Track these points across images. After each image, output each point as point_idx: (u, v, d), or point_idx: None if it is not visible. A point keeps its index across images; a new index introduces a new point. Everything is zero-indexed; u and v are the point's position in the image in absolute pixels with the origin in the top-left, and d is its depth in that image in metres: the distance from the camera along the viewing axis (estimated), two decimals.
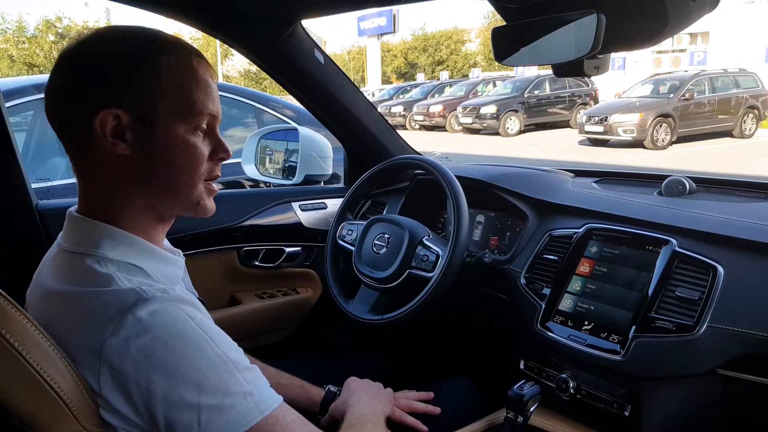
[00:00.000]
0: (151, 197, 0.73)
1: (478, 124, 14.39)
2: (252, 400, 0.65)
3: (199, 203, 0.75)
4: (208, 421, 0.62)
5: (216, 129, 0.76)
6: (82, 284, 0.66)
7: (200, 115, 0.72)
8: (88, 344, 0.62)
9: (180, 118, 0.70)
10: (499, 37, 0.99)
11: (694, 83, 11.44)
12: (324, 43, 20.97)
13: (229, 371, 0.64)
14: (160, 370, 0.61)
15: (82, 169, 0.72)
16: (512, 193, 1.40)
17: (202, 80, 0.72)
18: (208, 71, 0.74)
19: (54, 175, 2.58)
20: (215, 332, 0.66)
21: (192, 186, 0.73)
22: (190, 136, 0.71)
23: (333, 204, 1.73)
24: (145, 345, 0.61)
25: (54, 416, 0.60)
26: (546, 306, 1.14)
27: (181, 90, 0.70)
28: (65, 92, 0.70)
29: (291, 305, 1.67)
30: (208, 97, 0.73)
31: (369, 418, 0.93)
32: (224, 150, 0.76)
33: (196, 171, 0.73)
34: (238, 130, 3.35)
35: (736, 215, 1.08)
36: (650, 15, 0.85)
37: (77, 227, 0.73)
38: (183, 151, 0.71)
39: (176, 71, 0.70)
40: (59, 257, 0.73)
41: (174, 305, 0.64)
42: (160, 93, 0.69)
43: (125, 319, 0.61)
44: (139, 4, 1.20)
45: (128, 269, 0.69)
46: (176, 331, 0.62)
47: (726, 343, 0.93)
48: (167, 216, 0.76)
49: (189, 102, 0.71)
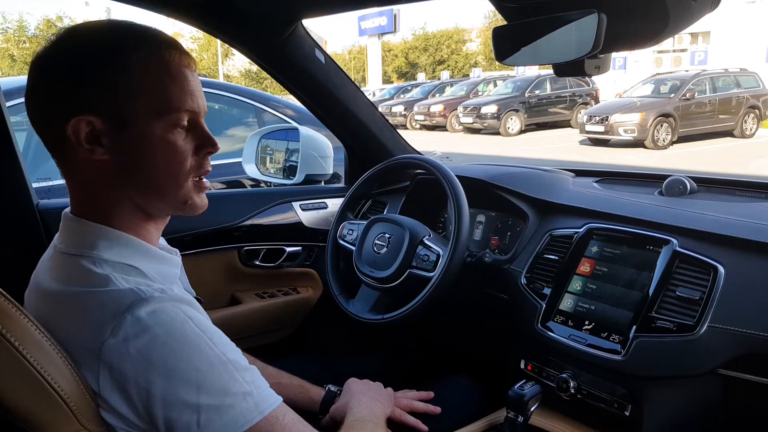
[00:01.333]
0: (136, 199, 0.71)
1: (479, 123, 14.38)
2: (251, 401, 0.64)
3: (186, 202, 0.73)
4: (207, 420, 0.62)
5: (200, 122, 0.72)
6: (79, 285, 0.66)
7: (178, 113, 0.68)
8: (86, 345, 0.62)
9: (156, 117, 0.67)
10: (499, 37, 0.98)
11: (695, 83, 11.43)
12: (325, 43, 20.96)
13: (228, 371, 0.64)
14: (159, 370, 0.61)
15: (67, 173, 0.72)
16: (513, 192, 1.40)
17: (176, 74, 0.68)
18: (183, 62, 0.69)
19: (55, 175, 2.56)
20: (214, 332, 0.66)
21: (177, 185, 0.71)
22: (169, 134, 0.68)
23: (333, 204, 1.73)
24: (143, 345, 0.60)
25: (54, 415, 0.60)
26: (546, 306, 1.14)
27: (154, 87, 0.67)
28: (39, 98, 0.68)
29: (291, 305, 1.67)
30: (184, 92, 0.69)
31: (368, 419, 0.93)
32: (211, 143, 0.72)
33: (179, 170, 0.70)
34: (239, 130, 3.35)
35: (737, 215, 1.08)
36: (651, 14, 0.85)
37: (72, 228, 0.72)
38: (162, 151, 0.68)
39: (147, 68, 0.67)
40: (55, 258, 0.73)
41: (172, 305, 0.64)
42: (132, 92, 0.66)
43: (124, 319, 0.61)
44: (140, 4, 1.20)
45: (124, 270, 0.68)
46: (175, 331, 0.62)
47: (727, 343, 0.93)
48: (157, 215, 0.75)
49: (164, 99, 0.67)
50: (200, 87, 0.72)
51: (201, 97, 0.72)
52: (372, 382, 1.09)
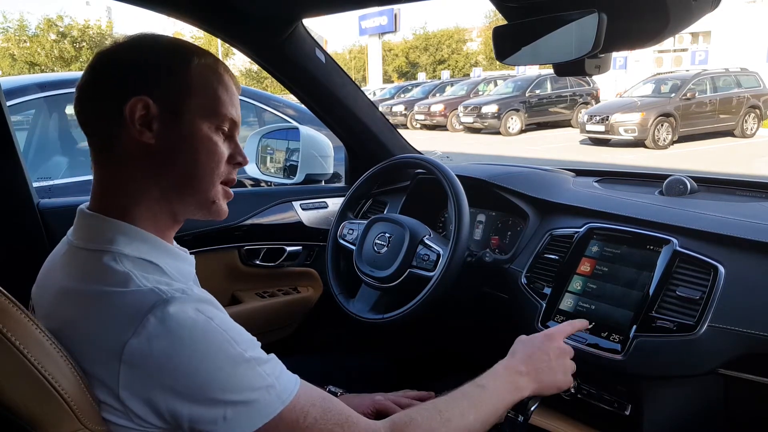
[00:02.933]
0: (168, 190, 0.74)
1: (480, 123, 14.38)
2: (274, 392, 0.67)
3: (214, 202, 0.77)
4: (234, 414, 0.64)
5: (236, 135, 0.79)
6: (99, 283, 0.66)
7: (224, 118, 0.75)
8: (106, 344, 0.63)
9: (205, 116, 0.73)
10: (500, 37, 0.98)
11: (696, 83, 11.42)
12: (325, 42, 20.97)
13: (251, 368, 0.66)
14: (183, 370, 0.62)
15: (104, 162, 0.73)
16: (513, 192, 1.40)
17: (226, 85, 0.76)
18: (233, 80, 0.78)
19: (55, 174, 2.58)
20: (235, 330, 0.67)
21: (210, 183, 0.75)
22: (213, 134, 0.74)
23: (334, 203, 1.74)
24: (166, 346, 0.61)
25: (55, 415, 0.60)
26: (547, 305, 1.14)
27: (208, 90, 0.74)
28: (99, 86, 0.72)
29: (292, 304, 1.68)
30: (231, 102, 0.76)
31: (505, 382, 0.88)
32: (242, 156, 0.79)
33: (216, 168, 0.75)
34: (240, 129, 3.35)
35: (738, 215, 1.08)
36: (651, 14, 0.85)
37: (90, 223, 0.73)
38: (205, 146, 0.74)
39: (205, 73, 0.74)
40: (70, 254, 0.73)
41: (194, 306, 0.65)
42: (189, 90, 0.72)
43: (146, 320, 0.62)
44: (141, 3, 1.20)
45: (144, 266, 0.69)
46: (197, 332, 0.63)
47: (727, 342, 0.93)
48: (180, 213, 0.77)
49: (215, 103, 0.74)
50: (239, 104, 0.79)
51: (239, 112, 0.79)
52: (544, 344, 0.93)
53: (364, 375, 1.10)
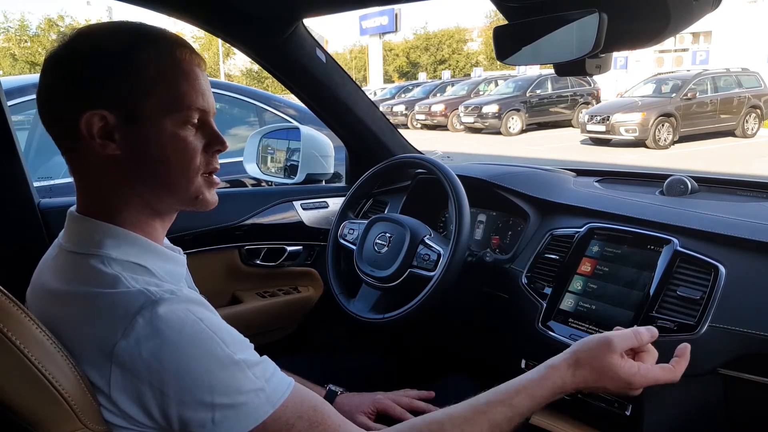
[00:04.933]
0: (146, 195, 0.72)
1: (480, 123, 14.37)
2: (263, 395, 0.65)
3: (198, 197, 0.74)
4: (222, 418, 0.63)
5: (209, 121, 0.74)
6: (88, 285, 0.66)
7: (188, 110, 0.70)
8: (96, 346, 0.62)
9: (167, 113, 0.69)
10: (500, 36, 0.98)
11: (697, 83, 11.41)
12: (326, 42, 20.94)
13: (240, 370, 0.64)
14: (172, 372, 0.61)
15: (76, 170, 0.72)
16: (514, 192, 1.40)
17: (187, 72, 0.70)
18: (193, 61, 0.71)
19: (56, 174, 2.58)
20: (225, 332, 0.66)
21: (188, 180, 0.72)
22: (180, 130, 0.70)
23: (334, 203, 1.73)
24: (155, 348, 0.61)
25: (55, 414, 0.60)
26: (547, 305, 1.14)
27: (166, 84, 0.69)
28: (52, 95, 0.69)
29: (292, 304, 1.68)
30: (195, 91, 0.71)
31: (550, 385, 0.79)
32: (219, 142, 0.74)
33: (189, 165, 0.71)
34: (240, 129, 3.35)
35: (738, 215, 1.08)
36: (652, 14, 0.85)
37: (78, 227, 0.72)
38: (173, 146, 0.70)
39: (159, 65, 0.68)
40: (61, 257, 0.72)
41: (183, 307, 0.64)
42: (145, 89, 0.68)
43: (135, 321, 0.61)
44: (141, 3, 1.20)
45: (133, 269, 0.69)
46: (186, 333, 0.63)
47: (727, 342, 0.93)
48: (165, 212, 0.76)
49: (175, 96, 0.69)
50: (209, 86, 0.74)
51: (210, 96, 0.73)
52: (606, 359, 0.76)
53: (364, 374, 1.10)
